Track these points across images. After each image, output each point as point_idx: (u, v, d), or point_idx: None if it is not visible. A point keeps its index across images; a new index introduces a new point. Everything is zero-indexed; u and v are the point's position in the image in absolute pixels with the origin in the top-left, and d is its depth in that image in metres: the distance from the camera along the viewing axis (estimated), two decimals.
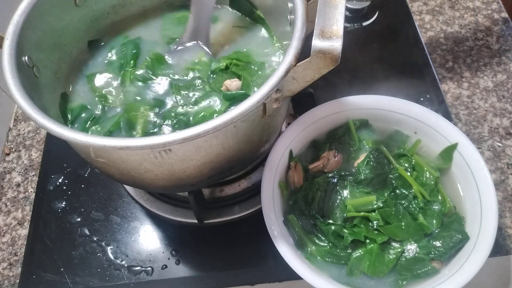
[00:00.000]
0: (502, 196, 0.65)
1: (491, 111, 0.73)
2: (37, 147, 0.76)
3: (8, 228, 0.68)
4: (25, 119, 0.80)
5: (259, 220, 0.53)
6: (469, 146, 0.56)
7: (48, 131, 0.42)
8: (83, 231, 0.66)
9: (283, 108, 0.53)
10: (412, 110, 0.59)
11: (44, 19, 0.53)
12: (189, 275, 0.61)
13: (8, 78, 0.46)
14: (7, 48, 0.48)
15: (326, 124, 0.61)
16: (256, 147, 0.53)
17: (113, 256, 0.64)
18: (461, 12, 0.86)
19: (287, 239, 0.52)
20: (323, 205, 0.56)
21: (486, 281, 0.57)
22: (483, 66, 0.78)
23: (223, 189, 0.65)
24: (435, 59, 0.80)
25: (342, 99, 0.61)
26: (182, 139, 0.40)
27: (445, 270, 0.51)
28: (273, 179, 0.56)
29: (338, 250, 0.53)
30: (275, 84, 0.43)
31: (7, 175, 0.74)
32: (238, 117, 0.41)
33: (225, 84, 0.55)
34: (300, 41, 0.45)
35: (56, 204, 0.69)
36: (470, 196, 0.55)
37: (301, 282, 0.49)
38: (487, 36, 0.82)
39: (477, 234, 0.51)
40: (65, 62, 0.58)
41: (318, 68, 0.44)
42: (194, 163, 0.47)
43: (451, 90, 0.76)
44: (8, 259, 0.66)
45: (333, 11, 0.44)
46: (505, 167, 0.68)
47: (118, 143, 0.41)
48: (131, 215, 0.67)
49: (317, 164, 0.58)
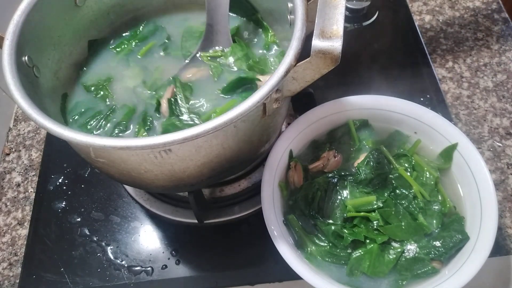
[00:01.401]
0: (502, 196, 0.65)
1: (491, 111, 0.73)
2: (37, 147, 0.76)
3: (8, 228, 0.68)
4: (25, 119, 0.80)
5: (259, 220, 0.53)
6: (469, 146, 0.56)
7: (48, 131, 0.42)
8: (83, 231, 0.66)
9: (283, 108, 0.53)
10: (412, 110, 0.59)
11: (44, 19, 0.53)
12: (189, 275, 0.61)
13: (8, 78, 0.46)
14: (7, 48, 0.48)
15: (326, 124, 0.61)
16: (256, 147, 0.53)
17: (113, 256, 0.64)
18: (461, 12, 0.86)
19: (287, 239, 0.52)
20: (323, 205, 0.56)
21: (486, 281, 0.57)
22: (483, 66, 0.78)
23: (223, 189, 0.65)
24: (435, 59, 0.80)
25: (342, 99, 0.61)
26: (182, 139, 0.40)
27: (445, 270, 0.51)
28: (273, 179, 0.56)
29: (338, 250, 0.53)
30: (275, 84, 0.43)
31: (7, 175, 0.74)
32: (238, 117, 0.41)
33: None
34: (300, 41, 0.45)
35: (56, 204, 0.69)
36: (470, 196, 0.55)
37: (301, 282, 0.49)
38: (487, 36, 0.82)
39: (477, 234, 0.51)
40: (65, 62, 0.58)
41: (318, 68, 0.44)
42: (194, 163, 0.47)
43: (451, 90, 0.76)
44: (8, 259, 0.66)
45: (333, 11, 0.44)
46: (505, 167, 0.68)
47: (118, 143, 0.41)
48: (131, 215, 0.67)
49: (317, 164, 0.58)
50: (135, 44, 0.62)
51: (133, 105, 0.56)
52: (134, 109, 0.55)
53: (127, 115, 0.55)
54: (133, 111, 0.55)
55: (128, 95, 0.57)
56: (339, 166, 0.59)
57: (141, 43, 0.62)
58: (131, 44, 0.62)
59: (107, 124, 0.55)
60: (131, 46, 0.62)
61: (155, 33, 0.63)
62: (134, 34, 0.63)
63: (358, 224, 0.54)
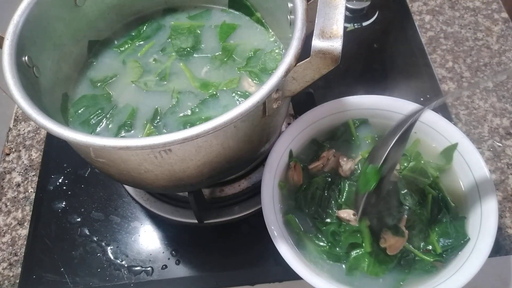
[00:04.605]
0: (502, 196, 0.65)
1: (491, 111, 0.73)
2: (37, 147, 0.76)
3: (8, 228, 0.68)
4: (25, 119, 0.80)
5: (259, 220, 0.53)
6: (469, 146, 0.56)
7: (48, 131, 0.42)
8: (83, 231, 0.66)
9: (283, 108, 0.53)
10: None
11: (44, 19, 0.53)
12: (189, 275, 0.61)
13: (8, 78, 0.46)
14: (7, 48, 0.48)
15: (326, 124, 0.61)
16: (256, 147, 0.53)
17: (113, 256, 0.64)
18: (461, 12, 0.86)
19: (287, 239, 0.52)
20: (323, 205, 0.56)
21: (486, 281, 0.57)
22: (483, 66, 0.78)
23: (223, 189, 0.65)
24: (435, 59, 0.80)
25: (342, 99, 0.61)
26: (182, 139, 0.40)
27: (445, 270, 0.51)
28: (273, 179, 0.56)
29: (338, 250, 0.53)
30: (275, 84, 0.43)
31: (7, 175, 0.74)
32: (238, 117, 0.41)
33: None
34: (300, 41, 0.45)
35: (56, 204, 0.69)
36: (470, 196, 0.55)
37: (301, 282, 0.49)
38: (487, 36, 0.82)
39: (477, 234, 0.51)
40: (65, 62, 0.58)
41: (318, 68, 0.44)
42: (194, 163, 0.47)
43: (451, 90, 0.76)
44: (8, 259, 0.66)
45: (333, 11, 0.44)
46: (505, 167, 0.68)
47: (118, 143, 0.41)
48: (131, 215, 0.67)
49: (317, 163, 0.58)
50: (138, 44, 0.62)
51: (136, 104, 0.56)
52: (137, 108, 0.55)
53: (131, 114, 0.55)
54: (136, 109, 0.55)
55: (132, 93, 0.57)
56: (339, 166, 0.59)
57: (144, 42, 0.62)
58: (135, 43, 0.62)
59: (110, 124, 0.55)
60: (135, 46, 0.62)
61: (158, 32, 0.63)
62: (138, 33, 0.63)
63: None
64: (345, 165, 0.57)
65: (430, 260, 0.51)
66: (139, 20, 0.65)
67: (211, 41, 0.61)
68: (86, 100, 0.57)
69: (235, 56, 0.59)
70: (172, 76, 0.58)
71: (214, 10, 0.65)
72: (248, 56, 0.59)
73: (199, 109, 0.54)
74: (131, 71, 0.59)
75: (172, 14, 0.65)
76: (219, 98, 0.55)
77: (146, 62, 0.60)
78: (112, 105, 0.56)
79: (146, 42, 0.62)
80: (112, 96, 0.57)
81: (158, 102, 0.55)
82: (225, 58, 0.59)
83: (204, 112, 0.54)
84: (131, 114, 0.55)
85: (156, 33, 0.63)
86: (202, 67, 0.59)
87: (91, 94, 0.57)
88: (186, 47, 0.61)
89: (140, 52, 0.61)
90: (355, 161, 0.58)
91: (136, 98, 0.57)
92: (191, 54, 0.60)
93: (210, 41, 0.61)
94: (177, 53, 0.60)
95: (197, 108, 0.54)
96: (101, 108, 0.56)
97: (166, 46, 0.61)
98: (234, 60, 0.59)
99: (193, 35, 0.62)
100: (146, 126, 0.53)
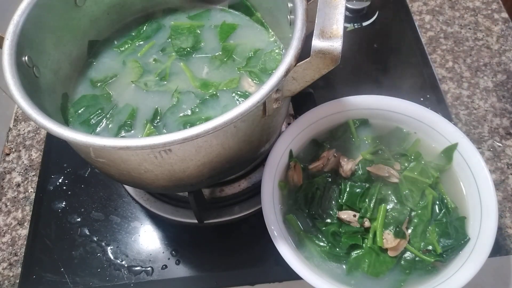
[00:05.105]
0: (502, 196, 0.65)
1: (491, 111, 0.73)
2: (37, 147, 0.76)
3: (8, 228, 0.68)
4: (25, 119, 0.80)
5: (259, 220, 0.53)
6: (469, 146, 0.56)
7: (48, 131, 0.42)
8: (83, 231, 0.66)
9: (283, 108, 0.53)
10: (412, 110, 0.59)
11: (44, 19, 0.53)
12: (189, 275, 0.61)
13: (8, 78, 0.46)
14: (7, 48, 0.48)
15: (326, 124, 0.61)
16: (256, 147, 0.53)
17: (113, 256, 0.64)
18: (461, 12, 0.86)
19: (287, 239, 0.52)
20: (323, 205, 0.56)
21: (486, 281, 0.57)
22: (483, 66, 0.78)
23: (223, 189, 0.65)
24: (435, 59, 0.80)
25: (342, 99, 0.61)
26: (182, 139, 0.40)
27: (445, 270, 0.51)
28: (273, 179, 0.56)
29: (338, 250, 0.53)
30: (275, 84, 0.43)
31: (7, 175, 0.74)
32: (238, 117, 0.41)
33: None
34: (300, 41, 0.45)
35: (56, 204, 0.69)
36: (470, 196, 0.55)
37: (301, 282, 0.49)
38: (487, 36, 0.82)
39: (477, 234, 0.51)
40: (65, 62, 0.58)
41: (318, 68, 0.44)
42: (194, 163, 0.47)
43: (451, 90, 0.76)
44: (8, 259, 0.66)
45: (333, 11, 0.44)
46: (505, 167, 0.68)
47: (118, 143, 0.41)
48: (131, 215, 0.67)
49: (317, 163, 0.58)
50: (138, 44, 0.62)
51: (136, 104, 0.56)
52: (137, 108, 0.55)
53: (131, 114, 0.55)
54: (136, 109, 0.55)
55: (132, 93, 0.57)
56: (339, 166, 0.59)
57: (144, 42, 0.62)
58: (135, 43, 0.62)
59: (110, 124, 0.55)
60: (135, 46, 0.62)
61: (158, 32, 0.63)
62: (138, 33, 0.63)
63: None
64: (346, 166, 0.57)
65: (430, 260, 0.51)
66: (139, 20, 0.65)
67: (211, 41, 0.61)
68: (86, 100, 0.57)
69: (235, 56, 0.59)
70: (172, 76, 0.58)
71: (214, 10, 0.65)
72: (248, 56, 0.59)
73: (199, 109, 0.54)
74: (131, 71, 0.59)
75: (172, 14, 0.65)
76: (219, 98, 0.55)
77: (146, 62, 0.60)
78: (112, 105, 0.56)
79: (146, 42, 0.62)
80: (112, 96, 0.57)
81: (158, 102, 0.56)
82: (225, 58, 0.59)
83: (204, 112, 0.54)
84: (131, 114, 0.55)
85: (156, 33, 0.63)
86: (202, 67, 0.59)
87: (91, 94, 0.57)
88: (186, 47, 0.61)
89: (140, 52, 0.61)
90: (356, 162, 0.58)
91: (136, 98, 0.57)
92: (191, 54, 0.60)
93: (210, 41, 0.61)
94: (177, 53, 0.60)
95: (197, 108, 0.54)
96: (101, 108, 0.56)
97: (166, 46, 0.62)
98: (234, 60, 0.59)
99: (193, 35, 0.62)
100: (146, 126, 0.53)
